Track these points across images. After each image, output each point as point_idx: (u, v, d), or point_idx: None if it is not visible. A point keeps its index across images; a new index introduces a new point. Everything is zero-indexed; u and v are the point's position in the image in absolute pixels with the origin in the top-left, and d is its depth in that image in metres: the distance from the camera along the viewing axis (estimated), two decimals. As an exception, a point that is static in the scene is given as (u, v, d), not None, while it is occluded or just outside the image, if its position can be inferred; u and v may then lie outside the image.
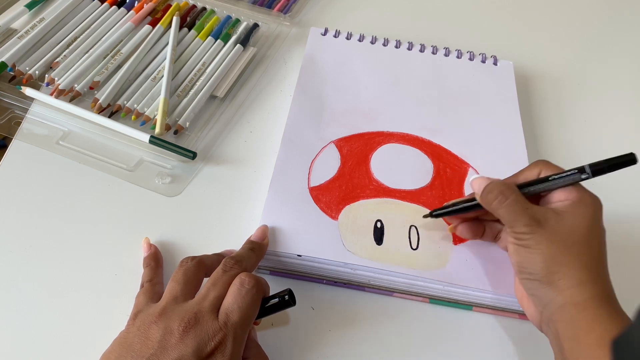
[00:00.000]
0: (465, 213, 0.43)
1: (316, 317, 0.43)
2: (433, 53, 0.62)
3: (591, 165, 0.37)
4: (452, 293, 0.43)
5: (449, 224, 0.45)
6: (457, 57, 0.62)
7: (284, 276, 0.45)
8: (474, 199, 0.41)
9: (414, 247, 0.45)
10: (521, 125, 0.55)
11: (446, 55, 0.62)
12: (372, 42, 0.62)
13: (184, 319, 0.34)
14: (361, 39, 0.63)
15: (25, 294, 0.42)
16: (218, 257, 0.41)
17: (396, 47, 0.62)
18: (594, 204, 0.38)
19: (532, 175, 0.40)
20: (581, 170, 0.37)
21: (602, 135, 0.59)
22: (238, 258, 0.39)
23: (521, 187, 0.39)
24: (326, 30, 0.63)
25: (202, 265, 0.39)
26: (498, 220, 0.43)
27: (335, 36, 0.63)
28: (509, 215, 0.38)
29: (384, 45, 0.62)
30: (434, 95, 0.57)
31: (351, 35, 0.63)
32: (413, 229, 0.46)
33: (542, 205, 0.39)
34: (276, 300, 0.38)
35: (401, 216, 0.46)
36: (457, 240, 0.45)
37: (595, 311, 0.34)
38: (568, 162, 0.38)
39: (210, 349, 0.34)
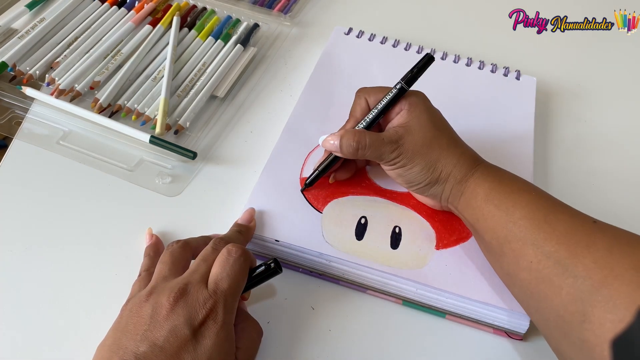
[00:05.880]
0: (332, 167, 0.46)
1: (315, 315, 0.43)
2: (454, 62, 0.61)
3: (402, 79, 0.43)
4: (425, 297, 0.42)
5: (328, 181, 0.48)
6: (479, 68, 0.60)
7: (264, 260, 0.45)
8: (331, 155, 0.45)
9: (395, 247, 0.44)
10: (532, 141, 0.53)
11: (467, 65, 0.60)
12: (394, 46, 0.62)
13: (173, 291, 0.35)
14: (383, 41, 0.62)
15: (25, 294, 0.42)
16: (204, 239, 0.41)
17: (418, 52, 0.61)
18: (419, 98, 0.44)
19: (363, 108, 0.45)
20: (396, 86, 0.43)
21: (612, 154, 0.56)
22: (227, 239, 0.40)
23: (365, 125, 0.44)
24: (350, 30, 0.63)
25: (188, 247, 0.40)
26: None
27: (358, 36, 0.63)
28: (375, 153, 0.42)
29: (406, 49, 0.62)
30: (446, 102, 0.56)
31: (374, 36, 0.62)
32: (397, 229, 0.45)
33: (388, 128, 0.44)
34: (262, 268, 0.38)
35: (387, 216, 0.46)
36: (440, 245, 0.44)
37: (474, 178, 0.41)
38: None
39: (202, 317, 0.34)
